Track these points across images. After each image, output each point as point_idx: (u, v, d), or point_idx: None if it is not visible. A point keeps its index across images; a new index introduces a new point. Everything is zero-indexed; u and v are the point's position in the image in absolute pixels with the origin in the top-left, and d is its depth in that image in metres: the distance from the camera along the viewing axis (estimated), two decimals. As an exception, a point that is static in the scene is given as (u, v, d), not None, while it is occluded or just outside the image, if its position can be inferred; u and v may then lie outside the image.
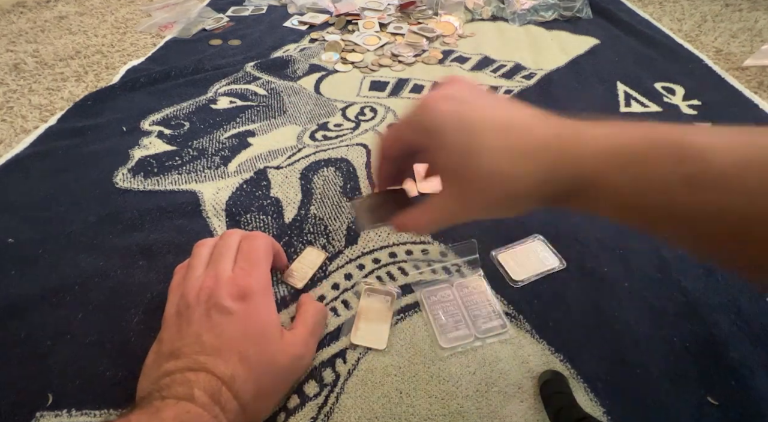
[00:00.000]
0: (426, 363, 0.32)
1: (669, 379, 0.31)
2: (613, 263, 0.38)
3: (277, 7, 0.89)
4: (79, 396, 0.30)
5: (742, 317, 0.34)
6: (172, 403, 0.23)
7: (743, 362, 0.31)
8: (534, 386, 0.30)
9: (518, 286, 0.37)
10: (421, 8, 0.84)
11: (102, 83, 0.65)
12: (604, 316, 0.34)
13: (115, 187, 0.46)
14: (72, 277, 0.37)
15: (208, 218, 0.43)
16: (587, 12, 0.83)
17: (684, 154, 0.19)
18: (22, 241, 0.40)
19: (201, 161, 0.49)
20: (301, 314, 0.32)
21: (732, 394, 0.30)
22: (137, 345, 0.32)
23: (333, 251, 0.40)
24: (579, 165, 0.21)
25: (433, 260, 0.39)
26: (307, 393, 0.30)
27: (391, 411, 0.29)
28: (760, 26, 0.79)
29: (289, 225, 0.42)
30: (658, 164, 0.20)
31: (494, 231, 0.41)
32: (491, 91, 0.25)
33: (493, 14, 0.84)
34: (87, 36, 0.78)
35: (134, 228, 0.41)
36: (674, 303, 0.35)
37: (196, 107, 0.58)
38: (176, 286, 0.31)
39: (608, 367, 0.31)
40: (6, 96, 0.62)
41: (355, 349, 0.33)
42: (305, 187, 0.46)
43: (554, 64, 0.68)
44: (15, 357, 0.32)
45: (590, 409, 0.29)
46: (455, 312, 0.35)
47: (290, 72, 0.66)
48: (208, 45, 0.75)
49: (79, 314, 0.34)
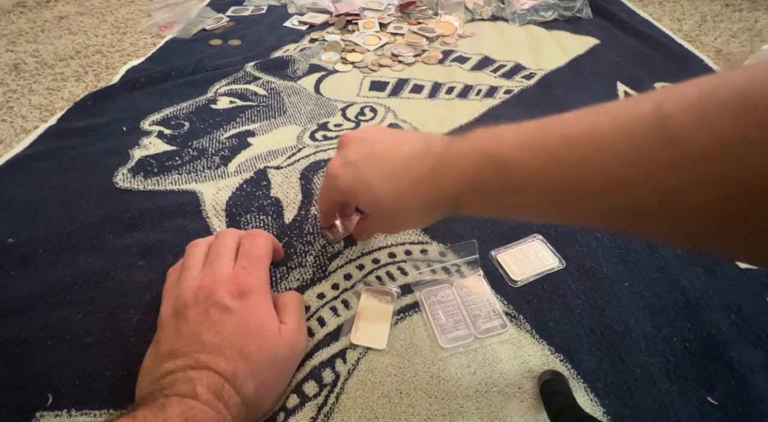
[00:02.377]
0: (426, 363, 0.32)
1: (669, 379, 0.31)
2: (613, 263, 0.38)
3: (277, 7, 0.89)
4: (79, 396, 0.30)
5: (742, 317, 0.34)
6: (176, 400, 0.23)
7: (743, 362, 0.31)
8: (534, 386, 0.30)
9: (518, 286, 0.37)
10: (421, 8, 0.84)
11: (102, 83, 0.65)
12: (604, 316, 0.34)
13: (115, 187, 0.46)
14: (72, 277, 0.37)
15: (208, 218, 0.43)
16: (587, 12, 0.83)
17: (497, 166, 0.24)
18: (22, 241, 0.40)
19: (201, 161, 0.49)
20: (283, 304, 0.32)
21: (732, 394, 0.30)
22: (137, 345, 0.32)
23: (333, 251, 0.40)
24: (447, 194, 0.27)
25: (432, 261, 0.39)
26: (306, 393, 0.30)
27: (391, 411, 0.29)
28: (760, 26, 0.79)
29: (289, 225, 0.42)
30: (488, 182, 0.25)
31: (494, 231, 0.41)
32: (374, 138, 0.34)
33: (493, 14, 0.84)
34: (87, 36, 0.78)
35: (134, 228, 0.41)
36: (674, 303, 0.35)
37: (196, 107, 0.58)
38: (171, 287, 0.31)
39: (608, 367, 0.31)
40: (6, 96, 0.62)
41: (354, 349, 0.33)
42: (305, 187, 0.46)
43: (554, 64, 0.68)
44: (15, 357, 0.32)
45: (590, 409, 0.29)
46: (455, 312, 0.35)
47: (290, 72, 0.66)
48: (208, 45, 0.75)
49: (79, 315, 0.34)
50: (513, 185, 0.24)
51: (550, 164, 0.22)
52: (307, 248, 0.40)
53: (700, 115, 0.17)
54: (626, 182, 0.20)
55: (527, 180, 0.23)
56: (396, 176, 0.29)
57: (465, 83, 0.64)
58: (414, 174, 0.29)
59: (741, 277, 0.37)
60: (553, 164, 0.22)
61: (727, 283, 0.37)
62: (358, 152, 0.32)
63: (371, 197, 0.30)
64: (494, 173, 0.25)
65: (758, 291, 0.36)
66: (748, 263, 0.37)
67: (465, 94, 0.62)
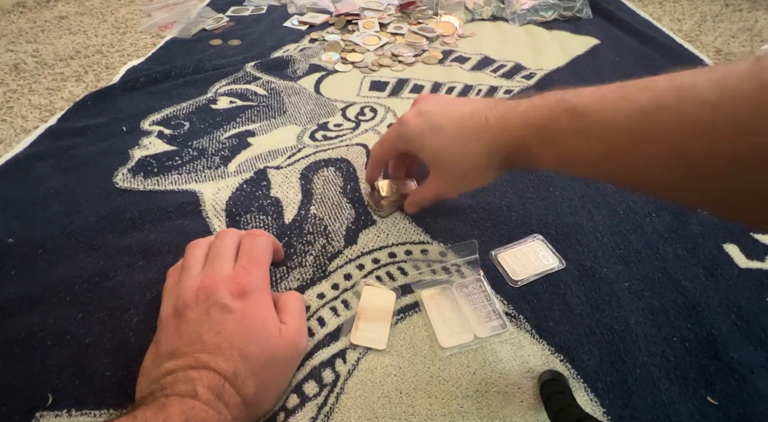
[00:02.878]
0: (426, 363, 0.32)
1: (669, 379, 0.31)
2: (613, 263, 0.38)
3: (277, 7, 0.89)
4: (79, 396, 0.30)
5: (742, 317, 0.34)
6: (177, 400, 0.23)
7: (743, 362, 0.31)
8: (534, 386, 0.30)
9: (518, 286, 0.37)
10: (421, 8, 0.84)
11: (102, 83, 0.65)
12: (604, 316, 0.34)
13: (115, 187, 0.46)
14: (72, 277, 0.37)
15: (208, 218, 0.43)
16: (587, 12, 0.83)
17: (573, 113, 0.26)
18: (22, 241, 0.40)
19: (201, 161, 0.49)
20: (284, 304, 0.32)
21: (732, 394, 0.30)
22: (137, 345, 0.32)
23: (333, 251, 0.40)
24: (510, 137, 0.30)
25: (432, 261, 0.39)
26: (306, 393, 0.30)
27: (391, 411, 0.29)
28: (760, 26, 0.79)
29: (289, 225, 0.42)
30: (558, 127, 0.27)
31: (494, 231, 0.41)
32: (449, 97, 0.39)
33: (493, 14, 0.84)
34: (87, 36, 0.78)
35: (134, 228, 0.41)
36: (674, 303, 0.35)
37: (196, 107, 0.58)
38: (171, 287, 0.31)
39: (608, 367, 0.31)
40: (6, 96, 0.62)
41: (354, 349, 0.33)
42: (305, 187, 0.46)
43: (554, 64, 0.68)
44: (15, 357, 0.32)
45: (590, 409, 0.29)
46: (455, 312, 0.35)
47: (290, 72, 0.66)
48: (208, 45, 0.75)
49: (79, 315, 0.34)
50: (585, 131, 0.25)
51: (628, 111, 0.23)
52: (307, 248, 0.40)
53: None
54: (706, 126, 0.20)
55: (601, 126, 0.25)
56: (464, 122, 0.32)
57: (465, 83, 0.64)
58: (480, 121, 0.31)
59: (741, 277, 0.37)
60: (632, 111, 0.23)
61: (727, 283, 0.37)
62: (432, 104, 0.35)
63: (438, 141, 0.33)
64: (567, 118, 0.26)
65: (758, 291, 0.36)
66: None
67: (465, 94, 0.62)
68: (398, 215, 0.43)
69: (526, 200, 0.44)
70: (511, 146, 0.30)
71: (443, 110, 0.34)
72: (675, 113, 0.21)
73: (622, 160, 0.24)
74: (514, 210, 0.43)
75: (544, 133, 0.28)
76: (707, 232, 0.41)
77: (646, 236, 0.41)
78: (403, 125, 0.36)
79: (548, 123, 0.27)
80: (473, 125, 0.32)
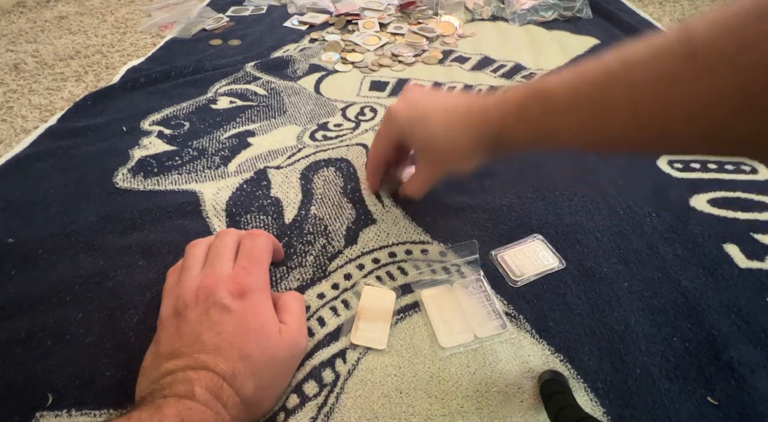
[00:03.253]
0: (426, 363, 0.32)
1: (669, 379, 0.31)
2: (613, 263, 0.38)
3: (277, 7, 0.89)
4: (79, 396, 0.30)
5: (742, 317, 0.34)
6: (174, 401, 0.23)
7: (743, 362, 0.31)
8: (534, 386, 0.30)
9: (518, 286, 0.37)
10: (421, 8, 0.84)
11: (102, 83, 0.65)
12: (604, 316, 0.34)
13: (115, 187, 0.46)
14: (72, 277, 0.37)
15: (208, 218, 0.43)
16: (587, 12, 0.83)
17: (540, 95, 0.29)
18: (22, 241, 0.40)
19: (201, 161, 0.49)
20: (284, 304, 0.32)
21: (732, 394, 0.30)
22: (137, 345, 0.32)
23: (333, 251, 0.40)
24: (491, 123, 0.33)
25: (432, 260, 0.39)
26: (306, 393, 0.30)
27: (391, 411, 0.29)
28: (760, 26, 0.79)
29: (289, 225, 0.42)
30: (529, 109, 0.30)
31: (494, 231, 0.41)
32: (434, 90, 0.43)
33: (493, 14, 0.84)
34: (87, 36, 0.78)
35: (134, 228, 0.41)
36: (674, 303, 0.35)
37: (196, 107, 0.58)
38: (171, 287, 0.31)
39: (608, 367, 0.31)
40: (6, 96, 0.62)
41: (354, 349, 0.33)
42: (305, 187, 0.46)
43: (554, 64, 0.68)
44: (15, 357, 0.32)
45: (590, 409, 0.29)
46: (455, 312, 0.35)
47: (290, 72, 0.66)
48: (208, 45, 0.75)
49: (79, 315, 0.34)
50: (553, 110, 0.28)
51: (586, 88, 0.26)
52: (307, 248, 0.40)
53: (718, 24, 0.20)
54: (651, 96, 0.23)
55: (565, 105, 0.27)
56: (449, 111, 0.35)
57: (465, 83, 0.64)
58: (464, 110, 0.34)
59: (741, 277, 0.37)
60: (589, 88, 0.26)
61: (727, 283, 0.37)
62: (418, 95, 0.38)
63: (426, 129, 0.35)
64: (536, 102, 0.29)
65: (758, 291, 0.36)
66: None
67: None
68: (399, 214, 0.43)
69: (526, 200, 0.44)
70: (492, 130, 0.33)
71: (429, 100, 0.37)
72: (624, 86, 0.24)
73: (596, 132, 0.27)
74: (514, 210, 0.43)
75: (519, 114, 0.31)
76: (707, 232, 0.41)
77: (646, 236, 0.41)
78: (393, 115, 0.38)
79: (521, 107, 0.31)
80: (458, 115, 0.35)
